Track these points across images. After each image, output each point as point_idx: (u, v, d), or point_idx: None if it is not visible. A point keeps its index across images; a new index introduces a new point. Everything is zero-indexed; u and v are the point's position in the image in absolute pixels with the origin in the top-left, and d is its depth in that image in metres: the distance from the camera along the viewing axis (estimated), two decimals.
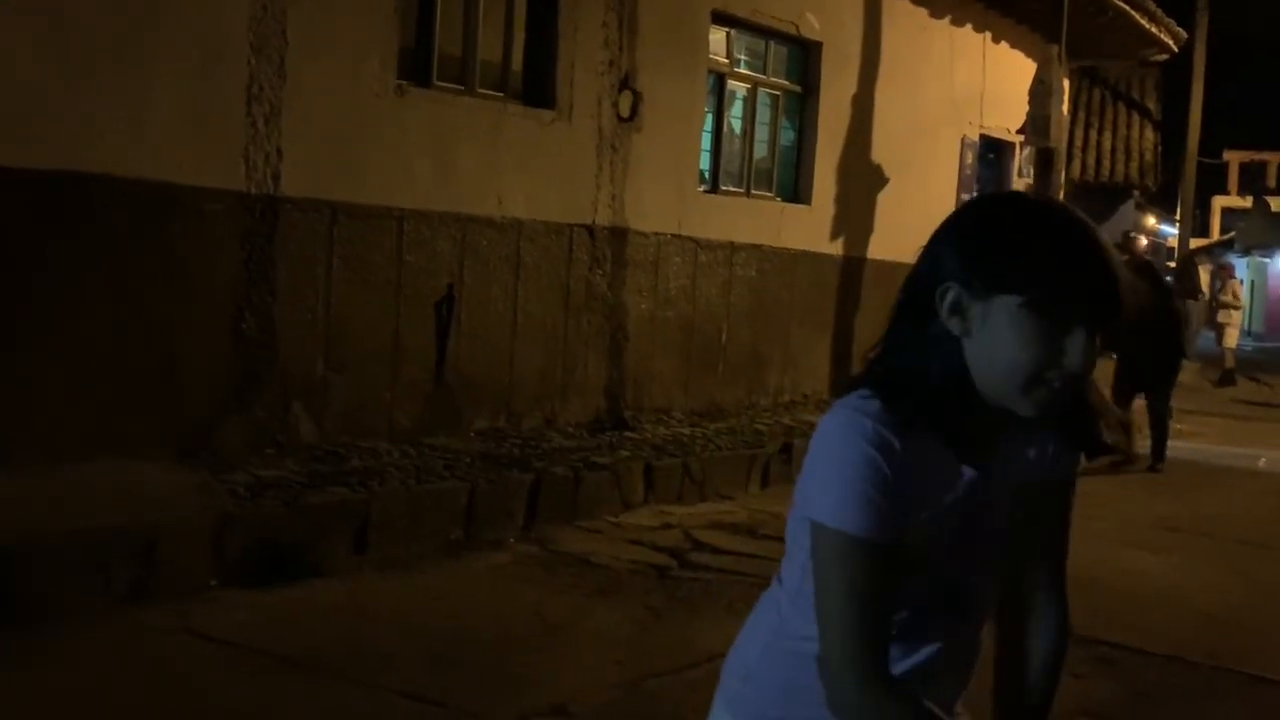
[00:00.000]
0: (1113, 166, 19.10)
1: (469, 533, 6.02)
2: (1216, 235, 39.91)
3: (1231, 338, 20.03)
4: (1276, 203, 37.24)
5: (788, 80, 10.37)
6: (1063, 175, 12.98)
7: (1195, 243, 24.79)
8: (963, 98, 12.42)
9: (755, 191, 10.12)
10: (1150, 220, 26.37)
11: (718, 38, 9.48)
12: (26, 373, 5.47)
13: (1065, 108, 12.78)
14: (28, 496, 4.91)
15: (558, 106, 7.96)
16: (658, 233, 8.83)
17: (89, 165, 5.60)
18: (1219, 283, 21.19)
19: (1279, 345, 35.42)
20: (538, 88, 7.94)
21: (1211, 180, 37.35)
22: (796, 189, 10.51)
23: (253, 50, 6.20)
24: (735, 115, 9.98)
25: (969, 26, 12.34)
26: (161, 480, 5.51)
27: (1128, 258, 15.34)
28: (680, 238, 9.05)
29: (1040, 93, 11.63)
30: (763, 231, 9.91)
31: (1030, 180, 13.25)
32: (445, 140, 7.25)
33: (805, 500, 1.51)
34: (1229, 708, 4.68)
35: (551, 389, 8.11)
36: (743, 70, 9.92)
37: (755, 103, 10.09)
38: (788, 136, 10.49)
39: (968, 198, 12.36)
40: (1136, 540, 7.32)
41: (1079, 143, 18.74)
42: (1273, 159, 41.99)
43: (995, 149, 13.66)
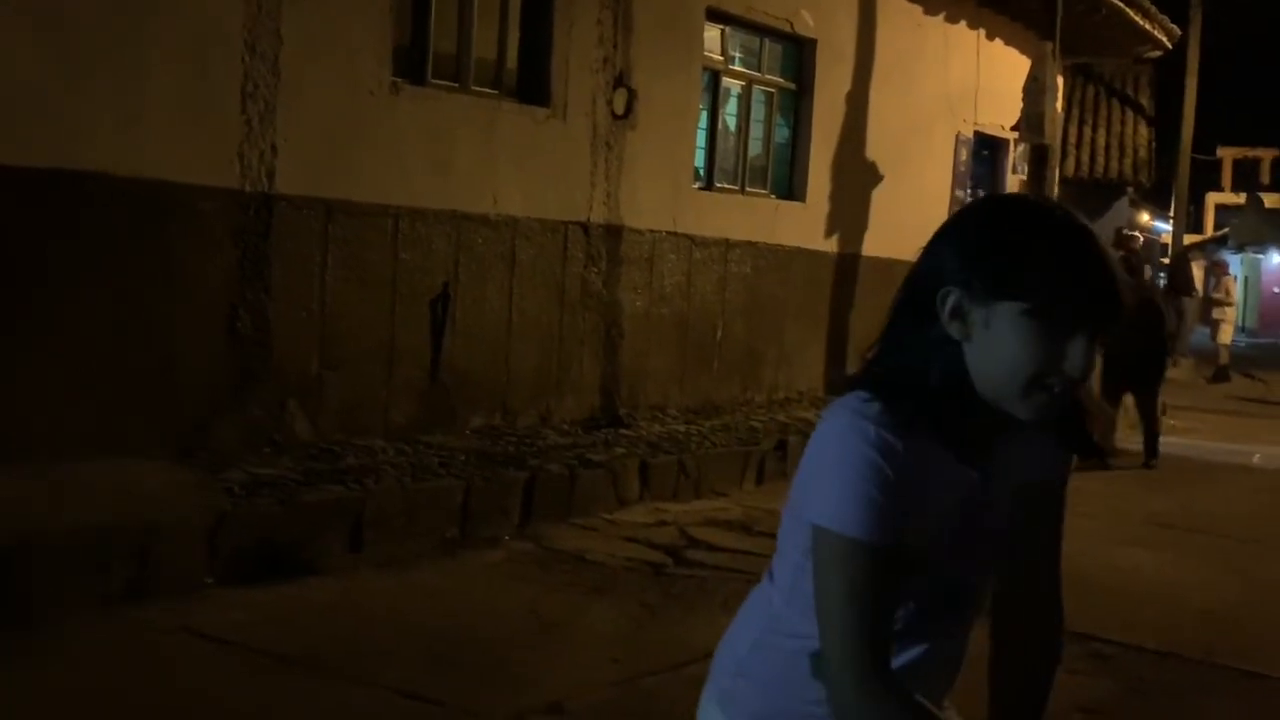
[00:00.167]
0: (1107, 163, 19.12)
1: (465, 530, 6.02)
2: (1210, 232, 39.96)
3: (1226, 334, 20.08)
4: (1270, 199, 37.35)
5: (782, 77, 10.37)
6: (1057, 172, 12.98)
7: (1189, 239, 24.86)
8: (957, 95, 12.43)
9: (750, 189, 10.13)
10: (1144, 217, 26.39)
11: (712, 35, 9.49)
12: (21, 371, 5.46)
13: (1059, 105, 12.78)
14: (23, 495, 4.91)
15: (552, 104, 7.96)
16: (652, 230, 8.83)
17: (83, 163, 5.60)
18: (1213, 279, 21.22)
19: (1272, 341, 35.53)
20: (532, 85, 7.94)
21: (1205, 177, 37.39)
22: (791, 186, 10.52)
23: (247, 48, 6.20)
24: (730, 112, 9.99)
25: (963, 23, 12.35)
26: (157, 479, 5.51)
27: (1123, 254, 15.39)
28: (675, 235, 9.05)
29: (1034, 90, 11.64)
30: (757, 228, 9.92)
31: (1024, 177, 13.26)
32: (440, 138, 7.25)
33: (805, 503, 1.51)
34: (1223, 703, 4.69)
35: (547, 387, 8.11)
36: (737, 67, 9.93)
37: (750, 100, 10.09)
38: (782, 134, 10.50)
39: (962, 195, 12.51)
40: (1130, 537, 7.34)
41: (1073, 139, 18.76)
42: (1266, 155, 42.02)
43: (990, 146, 13.67)
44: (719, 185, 9.77)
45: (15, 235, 5.42)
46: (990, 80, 12.74)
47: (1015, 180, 13.75)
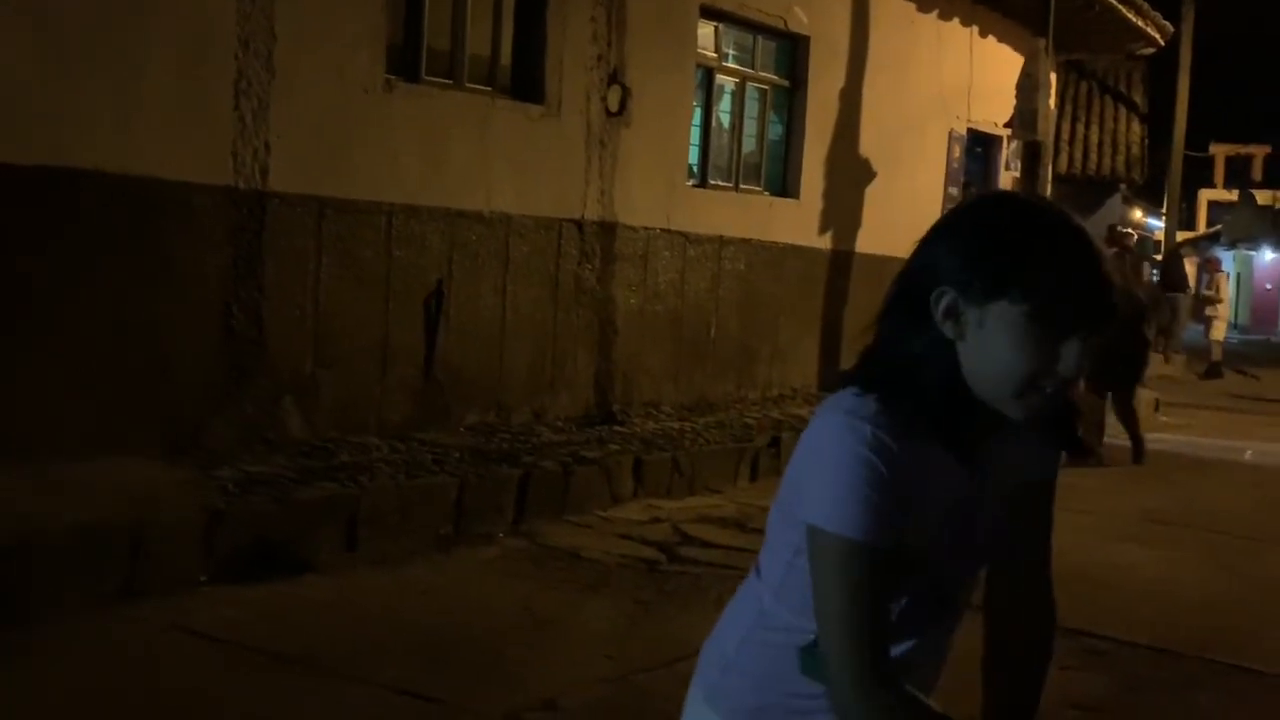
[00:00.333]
0: (1099, 160, 19.15)
1: (459, 528, 6.02)
2: (1203, 229, 40.05)
3: (1218, 330, 20.11)
4: (1262, 196, 37.44)
5: (776, 74, 10.38)
6: (1050, 169, 12.99)
7: (1181, 236, 24.87)
8: (950, 92, 12.44)
9: (744, 186, 10.13)
10: (1137, 213, 26.44)
11: (706, 32, 9.49)
12: (14, 369, 5.45)
13: (1052, 101, 12.80)
14: (17, 494, 4.90)
15: (546, 101, 7.96)
16: (646, 227, 8.84)
17: (77, 161, 5.59)
18: (1206, 276, 21.25)
19: (1264, 338, 35.64)
20: (526, 82, 7.94)
21: (1198, 174, 37.46)
22: (785, 183, 10.53)
23: (240, 45, 6.19)
24: (724, 110, 9.99)
25: (956, 21, 12.36)
26: (151, 477, 5.50)
27: (1116, 250, 15.42)
28: (669, 232, 9.05)
29: (1027, 86, 11.65)
30: (751, 226, 9.93)
31: (1017, 174, 13.27)
32: (434, 135, 7.24)
33: (800, 502, 1.51)
34: (1216, 699, 4.70)
35: (541, 384, 8.12)
36: (731, 65, 9.93)
37: (744, 97, 10.10)
38: (776, 131, 10.51)
39: (955, 192, 12.52)
40: (1123, 533, 7.36)
41: (1066, 136, 18.78)
42: (1259, 153, 42.09)
43: (982, 143, 13.69)
44: (713, 182, 9.78)
45: (8, 233, 5.41)
46: (983, 77, 12.75)
47: (1008, 177, 13.76)
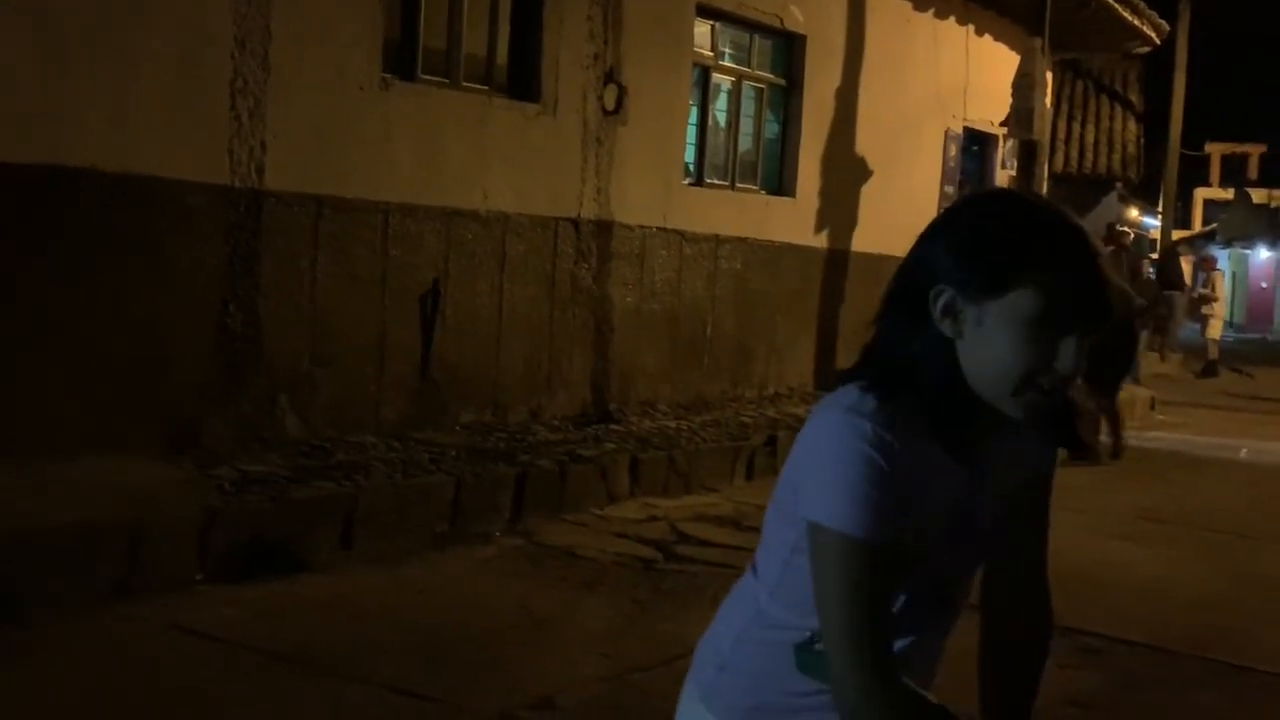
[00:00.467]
0: (1095, 159, 19.17)
1: (455, 526, 6.02)
2: (1198, 227, 40.06)
3: (1215, 329, 20.10)
4: (1258, 195, 37.45)
5: (772, 73, 10.38)
6: (1046, 168, 13.02)
7: (1177, 234, 24.89)
8: (946, 91, 12.44)
9: (740, 184, 10.13)
10: (1133, 212, 26.44)
11: (702, 31, 9.49)
12: (9, 368, 5.45)
13: (1048, 100, 12.82)
14: (12, 492, 4.90)
15: (543, 100, 7.96)
16: (643, 226, 8.84)
17: (72, 159, 5.59)
18: (1202, 275, 21.26)
19: (1259, 336, 35.68)
20: (523, 81, 7.93)
21: (1193, 172, 37.43)
22: (781, 182, 10.53)
23: (237, 43, 6.18)
24: (720, 108, 9.99)
25: (952, 19, 12.36)
26: (147, 475, 5.50)
27: (1113, 249, 15.41)
28: (665, 231, 9.05)
29: (1023, 85, 11.67)
30: (747, 224, 9.93)
31: (1013, 173, 13.29)
32: (430, 134, 7.24)
33: (799, 500, 1.51)
34: (1212, 696, 4.71)
35: (537, 383, 8.11)
36: (727, 63, 9.93)
37: (740, 96, 10.10)
38: (772, 129, 10.50)
39: (951, 190, 12.52)
40: (1119, 531, 7.37)
41: (1062, 135, 18.80)
42: (1254, 151, 42.09)
43: (979, 141, 13.69)
44: (709, 181, 9.78)
45: (5, 232, 5.40)
46: (979, 76, 12.75)
47: (1004, 176, 13.76)
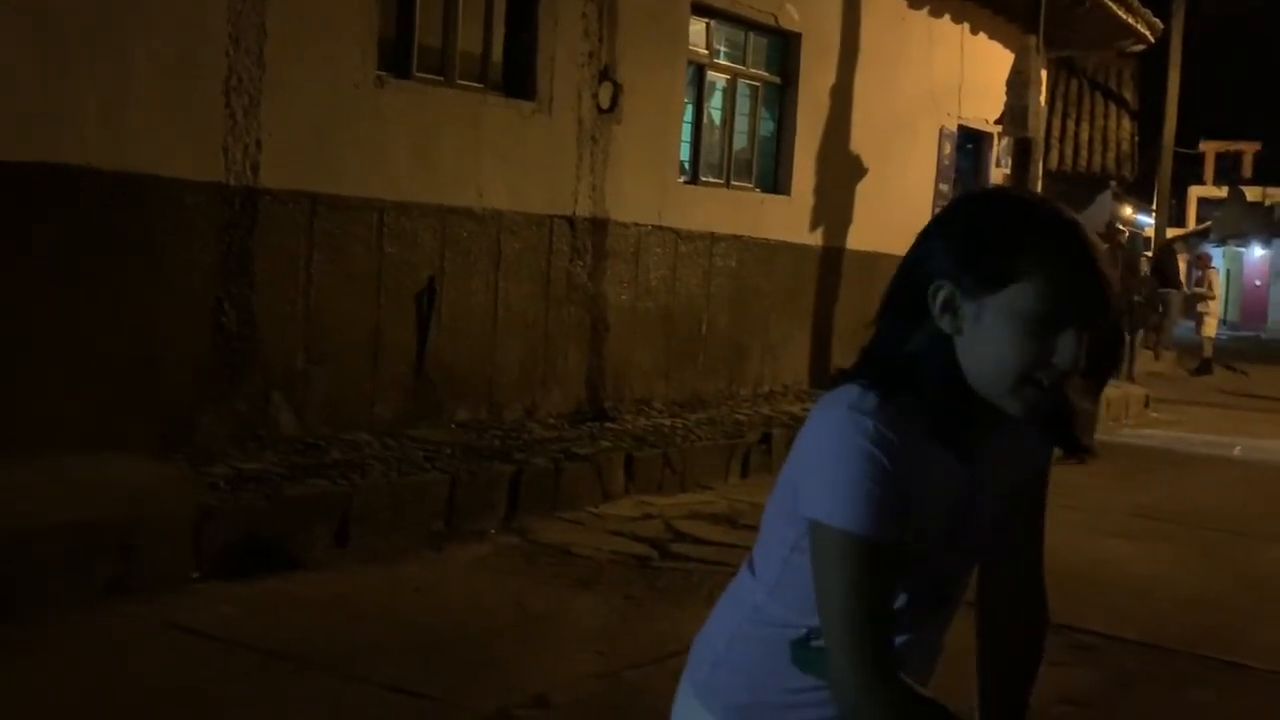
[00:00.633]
0: (1090, 157, 19.19)
1: (450, 524, 6.02)
2: (1192, 225, 40.10)
3: (1210, 327, 20.10)
4: (1252, 193, 37.50)
5: (767, 71, 10.38)
6: (1040, 166, 13.02)
7: (1171, 232, 24.92)
8: (941, 88, 12.45)
9: (735, 182, 10.14)
10: (1127, 210, 26.46)
11: (697, 29, 9.49)
12: (4, 365, 5.44)
13: (1043, 98, 12.81)
14: (6, 491, 4.89)
15: (538, 98, 7.96)
16: (638, 224, 8.84)
17: (67, 157, 5.58)
18: (1197, 272, 21.27)
19: (1253, 334, 35.75)
20: (518, 79, 7.93)
21: (1188, 170, 37.49)
22: (776, 180, 10.53)
23: (231, 42, 6.18)
24: (715, 106, 9.99)
25: (947, 17, 12.37)
26: (141, 473, 5.50)
27: (1109, 247, 15.38)
28: (660, 229, 9.05)
29: (1018, 83, 11.66)
30: (742, 222, 9.93)
31: (1008, 171, 13.29)
32: (425, 132, 7.24)
33: (799, 497, 1.51)
34: (1207, 694, 4.72)
35: (532, 380, 8.11)
36: (722, 61, 9.93)
37: (735, 94, 10.10)
38: (767, 127, 10.51)
39: (946, 188, 12.53)
40: (1113, 529, 7.38)
41: (1056, 133, 18.81)
42: (1248, 149, 42.16)
43: (973, 139, 13.69)
44: (704, 179, 9.78)
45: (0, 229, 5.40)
46: (974, 74, 12.76)
47: (999, 174, 13.78)
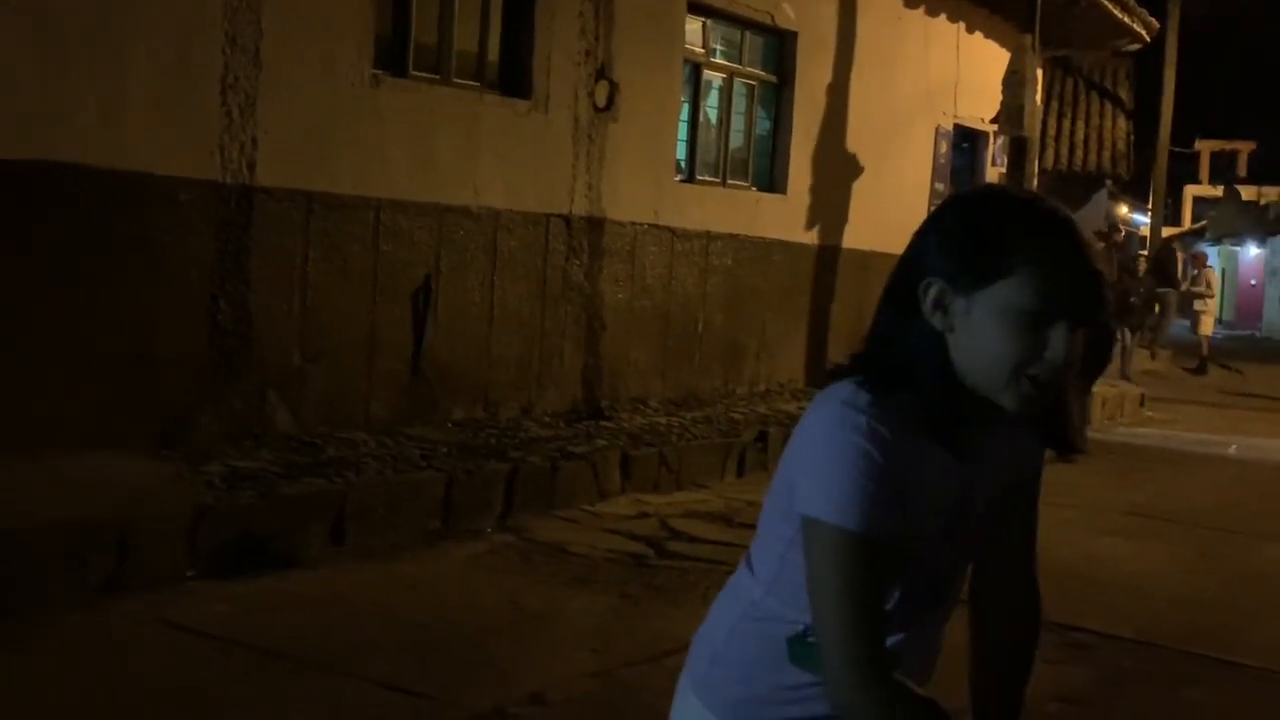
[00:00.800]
0: (1085, 156, 19.19)
1: (446, 523, 6.03)
2: (1188, 224, 40.13)
3: (1207, 326, 20.06)
4: (1247, 192, 37.51)
5: (763, 70, 10.38)
6: (1036, 164, 13.03)
7: (1167, 231, 24.92)
8: (937, 87, 12.45)
9: (731, 181, 10.14)
10: (1122, 209, 26.48)
11: (694, 28, 9.49)
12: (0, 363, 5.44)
13: (1038, 97, 12.82)
14: (1, 489, 4.89)
15: (534, 96, 7.96)
16: (634, 222, 8.84)
17: (63, 155, 5.58)
18: (1195, 271, 21.27)
19: (1248, 333, 35.80)
20: (514, 78, 7.93)
21: (1183, 169, 37.56)
22: (772, 178, 10.54)
23: (228, 40, 6.18)
24: (711, 105, 9.99)
25: (943, 16, 12.37)
26: (137, 471, 5.50)
27: (1104, 245, 15.40)
28: (656, 227, 9.06)
29: (1014, 82, 11.67)
30: (738, 221, 9.93)
31: (1004, 169, 13.30)
32: (421, 130, 7.24)
33: (795, 494, 1.51)
34: (1200, 692, 4.73)
35: (528, 379, 8.12)
36: (718, 60, 9.94)
37: (731, 92, 10.10)
38: (763, 126, 10.51)
39: (942, 187, 12.54)
40: (1108, 527, 7.39)
41: (1052, 132, 18.81)
42: (1244, 148, 42.20)
43: (969, 138, 13.70)
44: (700, 178, 9.78)
45: None
46: (970, 73, 12.77)
47: (995, 172, 13.78)
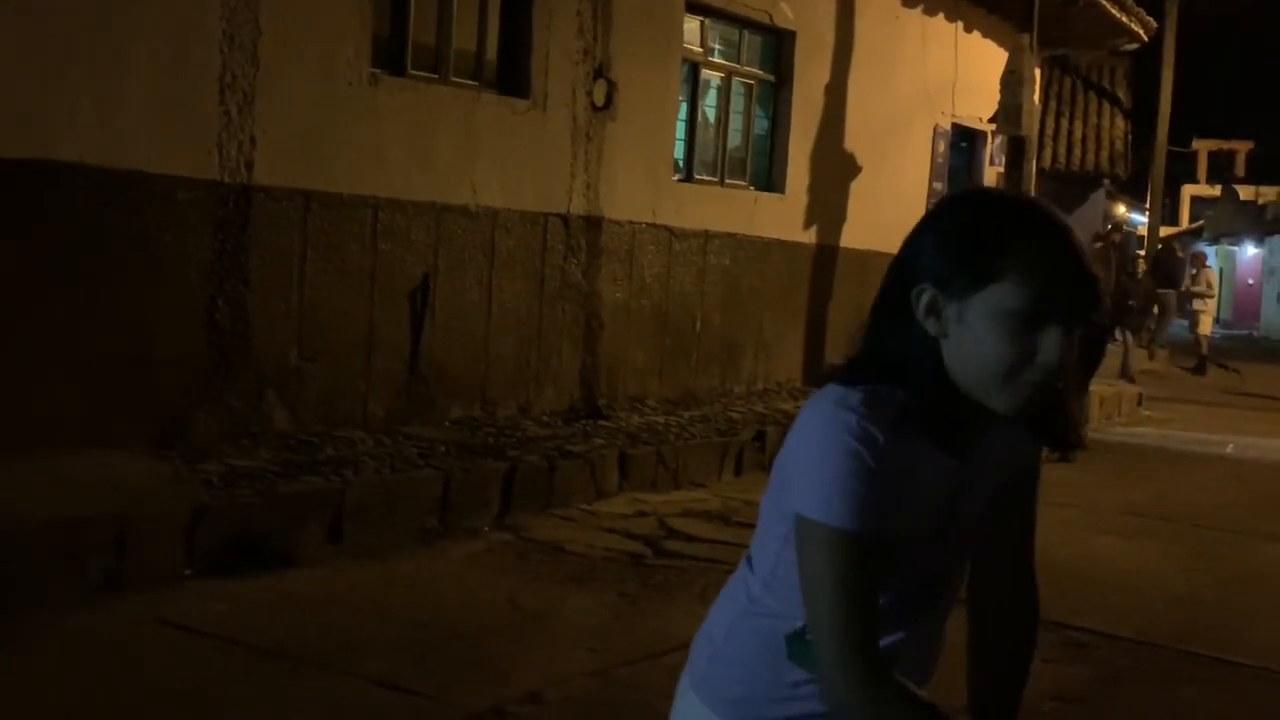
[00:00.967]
0: (1083, 155, 19.22)
1: (444, 521, 6.03)
2: (1185, 224, 40.20)
3: (1206, 325, 20.04)
4: (1245, 191, 37.59)
5: (761, 69, 10.39)
6: (1034, 164, 13.03)
7: (1164, 231, 24.95)
8: (935, 87, 12.46)
9: (729, 180, 10.14)
10: (1120, 209, 26.51)
11: (692, 27, 9.50)
12: None
13: (1036, 97, 12.83)
14: (0, 487, 4.89)
15: (532, 95, 7.96)
16: (632, 221, 8.84)
17: (61, 154, 5.58)
18: (1193, 270, 21.27)
19: (1246, 332, 35.85)
20: (512, 76, 7.93)
21: (1181, 169, 37.61)
22: (770, 178, 10.54)
23: (225, 38, 6.18)
24: (709, 104, 10.00)
25: (941, 16, 12.38)
26: (135, 470, 5.50)
27: (1100, 245, 15.38)
28: (654, 226, 9.06)
29: (1012, 82, 11.68)
30: (736, 220, 9.94)
31: (1001, 169, 13.30)
32: (420, 129, 7.24)
33: (789, 494, 1.51)
34: (1197, 691, 4.74)
35: (526, 378, 8.12)
36: (717, 59, 9.94)
37: (729, 92, 10.11)
38: (761, 125, 10.52)
39: (940, 186, 12.55)
40: (1105, 526, 7.40)
41: (1050, 132, 18.84)
42: (1241, 148, 42.28)
43: (967, 138, 13.71)
44: (698, 177, 9.78)
45: None
46: (968, 72, 12.78)
47: (993, 172, 13.79)
